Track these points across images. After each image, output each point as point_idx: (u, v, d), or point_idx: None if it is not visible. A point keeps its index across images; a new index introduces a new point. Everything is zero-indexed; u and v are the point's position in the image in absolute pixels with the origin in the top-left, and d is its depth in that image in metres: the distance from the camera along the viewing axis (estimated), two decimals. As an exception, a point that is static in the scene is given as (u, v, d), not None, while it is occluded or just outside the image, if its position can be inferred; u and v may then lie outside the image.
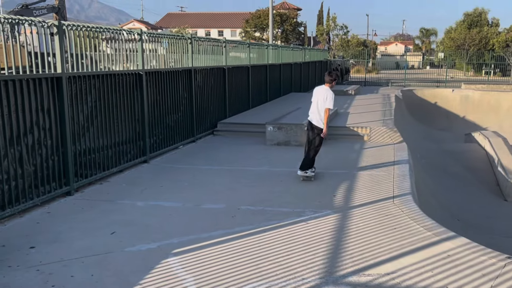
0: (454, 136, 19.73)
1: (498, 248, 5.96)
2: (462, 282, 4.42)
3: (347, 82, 33.45)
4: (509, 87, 25.28)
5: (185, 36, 11.16)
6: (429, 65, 66.41)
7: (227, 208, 6.56)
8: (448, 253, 5.05)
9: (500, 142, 14.44)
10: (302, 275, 4.52)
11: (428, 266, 4.75)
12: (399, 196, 7.12)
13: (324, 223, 5.98)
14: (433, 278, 4.49)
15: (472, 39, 52.28)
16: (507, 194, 11.75)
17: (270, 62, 18.69)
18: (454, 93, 24.19)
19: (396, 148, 10.69)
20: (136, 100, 8.91)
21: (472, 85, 26.45)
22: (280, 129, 11.06)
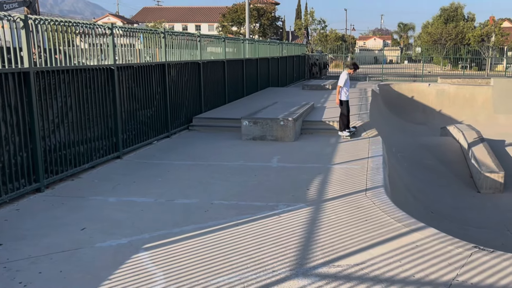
0: (430, 130, 20.11)
1: (470, 239, 6.15)
2: (429, 271, 4.55)
3: (325, 77, 33.69)
4: (484, 81, 25.80)
5: (158, 30, 11.12)
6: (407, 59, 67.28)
7: (200, 203, 6.61)
8: (416, 244, 5.19)
9: (473, 135, 14.78)
10: (273, 268, 4.60)
11: (397, 256, 4.89)
12: (372, 189, 7.26)
13: (297, 216, 6.07)
14: (401, 268, 4.62)
15: (449, 34, 53.14)
16: (480, 186, 12.05)
17: (247, 57, 18.73)
18: (430, 87, 24.60)
19: (371, 142, 10.86)
20: (108, 95, 8.87)
21: (448, 80, 26.92)
22: (256, 124, 11.12)
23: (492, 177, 11.80)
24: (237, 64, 17.35)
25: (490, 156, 12.77)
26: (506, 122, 21.37)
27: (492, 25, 47.99)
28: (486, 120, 21.80)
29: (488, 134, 15.75)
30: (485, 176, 11.87)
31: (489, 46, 45.01)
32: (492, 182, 11.82)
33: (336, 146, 10.47)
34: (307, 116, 13.05)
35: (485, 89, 23.80)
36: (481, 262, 4.75)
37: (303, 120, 12.37)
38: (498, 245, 8.21)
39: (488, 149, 13.28)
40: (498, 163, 12.28)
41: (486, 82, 25.34)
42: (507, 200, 11.39)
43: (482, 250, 5.05)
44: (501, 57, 48.19)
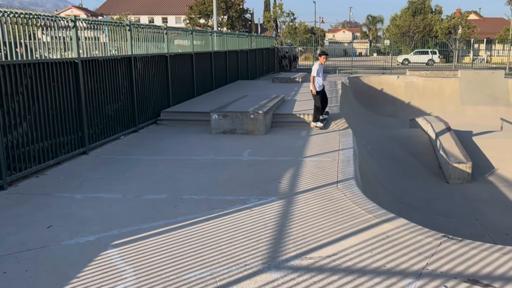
0: (400, 122, 20.49)
1: (439, 228, 6.33)
2: (400, 261, 4.67)
3: (295, 70, 33.87)
4: (452, 73, 26.42)
5: (123, 23, 10.96)
6: (376, 52, 68.30)
7: (169, 198, 6.57)
8: (387, 234, 5.31)
9: (441, 126, 15.13)
10: (245, 262, 4.62)
11: (368, 247, 4.98)
12: (343, 181, 7.37)
13: (269, 209, 6.11)
14: (372, 259, 4.71)
15: (417, 26, 54.16)
16: (448, 177, 12.37)
17: (215, 50, 18.65)
18: (399, 79, 25.04)
19: (341, 134, 11.00)
20: (73, 89, 8.70)
21: (417, 72, 27.45)
22: (225, 117, 11.11)
23: (460, 167, 12.13)
24: (206, 57, 17.26)
25: (458, 147, 13.11)
26: (473, 113, 21.98)
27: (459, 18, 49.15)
28: (453, 111, 22.36)
29: (456, 125, 16.17)
30: (453, 167, 12.19)
31: (456, 38, 46.09)
32: (460, 173, 12.15)
33: (307, 139, 10.57)
34: (277, 109, 13.11)
35: (452, 81, 24.38)
36: (450, 251, 4.89)
37: (274, 113, 12.42)
38: (467, 234, 8.48)
39: (456, 140, 13.64)
40: (466, 154, 12.63)
41: (454, 74, 25.95)
42: (475, 190, 11.75)
43: (451, 239, 5.20)
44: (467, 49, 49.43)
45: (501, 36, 48.03)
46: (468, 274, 4.39)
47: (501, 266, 4.52)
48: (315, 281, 4.25)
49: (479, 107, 22.64)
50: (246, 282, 4.24)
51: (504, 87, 23.61)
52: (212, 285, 4.18)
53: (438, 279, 4.29)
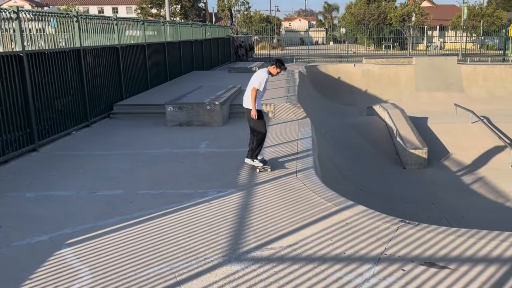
0: (357, 110, 20.89)
1: (397, 213, 6.52)
2: (359, 247, 4.79)
3: (252, 59, 33.90)
4: (407, 60, 27.09)
5: (70, 14, 10.65)
6: (332, 40, 69.18)
7: (125, 193, 6.49)
8: (346, 221, 5.43)
9: (398, 113, 15.55)
10: (204, 255, 4.63)
11: (328, 235, 5.09)
12: (302, 170, 7.47)
13: (228, 202, 6.13)
14: (332, 246, 4.82)
15: (371, 14, 55.13)
16: (405, 162, 12.75)
17: (169, 40, 18.41)
18: (355, 67, 25.48)
19: (300, 123, 11.13)
20: (19, 84, 8.40)
21: (373, 60, 28.01)
22: (181, 109, 11.02)
23: (416, 153, 12.52)
24: (159, 47, 17.02)
25: (414, 133, 13.51)
26: (428, 100, 22.66)
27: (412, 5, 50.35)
28: (409, 98, 22.97)
29: (412, 112, 16.64)
30: (410, 153, 12.57)
31: (410, 25, 47.25)
32: (417, 158, 12.55)
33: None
34: (234, 99, 13.10)
35: (407, 68, 25.02)
36: (407, 235, 5.06)
37: (231, 103, 12.42)
38: (424, 218, 8.80)
39: (412, 127, 14.05)
40: (422, 140, 13.04)
41: (408, 61, 26.62)
42: (431, 174, 12.16)
43: (408, 223, 5.38)
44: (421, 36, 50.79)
45: (453, 23, 49.54)
46: (425, 257, 4.55)
47: (456, 248, 4.71)
48: (276, 271, 4.31)
49: (434, 93, 23.37)
50: (207, 275, 4.25)
51: (457, 73, 24.44)
52: (172, 280, 4.17)
53: (396, 263, 4.44)
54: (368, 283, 4.10)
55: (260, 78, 7.49)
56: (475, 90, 23.59)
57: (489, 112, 16.31)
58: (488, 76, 24.34)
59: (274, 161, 8.00)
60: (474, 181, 11.48)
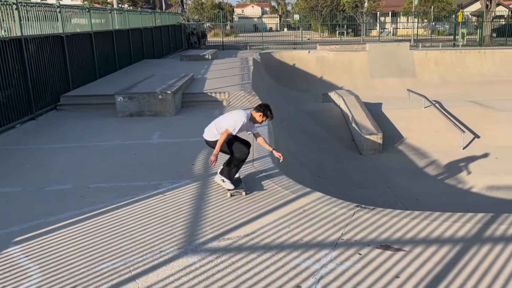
0: (313, 97, 21.13)
1: (354, 199, 6.67)
2: (316, 233, 4.88)
3: (205, 47, 33.65)
4: (360, 47, 27.55)
5: (9, 1, 10.22)
6: (286, 27, 69.51)
7: (75, 188, 6.33)
8: (304, 208, 5.52)
9: (353, 99, 15.83)
10: (160, 248, 4.60)
11: (286, 222, 5.15)
12: (259, 159, 7.51)
13: (183, 193, 6.09)
14: (289, 234, 4.88)
15: (325, 0, 55.68)
16: (361, 148, 13.03)
17: (117, 28, 18.00)
18: (310, 54, 25.71)
19: (254, 111, 11.13)
20: (-46, 74, 8.02)
21: (327, 46, 28.32)
22: (131, 99, 10.82)
23: (371, 139, 12.81)
24: (107, 36, 16.61)
25: (369, 119, 13.81)
26: (382, 86, 23.18)
27: (365, -9, 51.21)
28: (364, 84, 23.43)
29: (366, 98, 16.98)
30: (365, 139, 12.85)
31: (362, 12, 48.04)
32: (372, 144, 12.84)
33: (219, 118, 10.58)
34: (187, 88, 12.99)
35: (361, 54, 25.45)
36: (363, 220, 5.19)
37: (184, 92, 12.30)
38: (380, 203, 9.03)
39: (367, 113, 14.35)
40: (377, 125, 13.35)
41: (362, 47, 27.09)
42: (386, 159, 12.48)
43: (363, 208, 5.52)
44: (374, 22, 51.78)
45: (405, 9, 50.73)
46: (380, 241, 4.69)
47: (410, 231, 4.88)
48: (234, 261, 4.33)
49: (388, 79, 23.92)
50: (162, 268, 4.22)
51: (409, 59, 25.09)
52: (126, 275, 4.13)
53: (352, 247, 4.55)
54: (325, 268, 4.19)
55: (237, 121, 6.07)
56: (427, 75, 24.30)
57: (441, 97, 16.88)
58: (440, 61, 25.11)
59: (229, 150, 7.99)
60: (427, 164, 11.86)
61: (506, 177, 9.93)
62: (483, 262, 4.22)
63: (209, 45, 35.72)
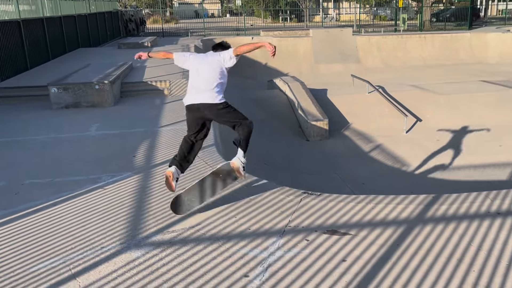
0: (258, 84, 21.20)
1: (301, 185, 6.77)
2: (264, 222, 4.92)
3: (144, 34, 33.02)
4: (304, 33, 27.85)
5: None
6: (228, 13, 69.22)
7: (7, 185, 6.10)
8: (250, 197, 5.55)
9: (298, 86, 16.01)
10: (101, 244, 4.51)
11: (232, 212, 5.17)
12: (203, 148, 7.42)
13: (124, 186, 5.99)
14: (236, 223, 4.91)
15: (267, -15, 55.80)
16: (308, 135, 13.22)
17: (48, 15, 17.34)
18: (254, 41, 25.75)
19: (198, 100, 11.05)
20: None
21: (271, 32, 28.45)
22: (66, 90, 10.49)
23: (318, 125, 13.02)
24: (37, 23, 15.98)
25: (314, 106, 14.01)
26: (327, 72, 23.57)
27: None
28: (309, 70, 23.74)
29: (312, 84, 17.21)
30: (312, 125, 13.04)
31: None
32: (319, 130, 13.05)
33: (161, 107, 10.46)
34: (126, 77, 12.73)
35: (305, 40, 25.75)
36: (310, 206, 5.29)
37: (122, 82, 12.04)
38: (328, 188, 9.21)
39: (313, 99, 14.56)
40: (322, 112, 13.57)
41: (306, 33, 27.39)
42: (333, 145, 12.73)
43: (310, 194, 5.62)
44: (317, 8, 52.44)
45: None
46: (327, 226, 4.80)
47: (356, 215, 5.02)
48: (179, 254, 4.31)
49: (332, 65, 24.34)
50: (104, 265, 4.14)
51: (353, 44, 25.62)
52: (66, 273, 4.02)
53: (300, 234, 4.63)
54: (273, 256, 4.24)
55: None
56: (370, 61, 24.91)
57: (384, 81, 17.35)
58: (382, 46, 25.79)
59: (171, 141, 7.92)
60: (372, 148, 12.20)
61: (447, 158, 10.37)
62: (426, 242, 4.41)
63: (148, 32, 35.08)
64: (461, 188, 7.60)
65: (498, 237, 4.50)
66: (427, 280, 3.81)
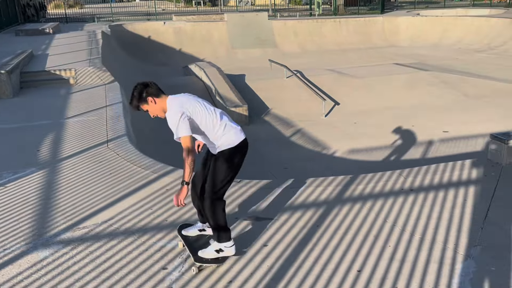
0: (173, 70, 20.90)
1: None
2: (181, 212, 4.89)
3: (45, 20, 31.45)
4: (219, 17, 27.76)
5: None
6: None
7: None
8: (166, 188, 5.49)
9: (215, 72, 15.98)
10: (3, 247, 4.28)
11: (148, 204, 5.09)
12: (114, 139, 7.29)
13: (28, 183, 5.72)
14: (153, 215, 4.84)
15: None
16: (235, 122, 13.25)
17: None
18: (166, 26, 25.32)
19: (107, 89, 10.76)
20: None
21: (184, 17, 28.09)
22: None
23: (237, 111, 13.06)
24: None
25: (233, 91, 14.05)
26: (244, 57, 23.68)
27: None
28: (225, 55, 23.73)
29: (229, 70, 17.24)
30: (231, 111, 13.06)
31: (219, -20, 48.37)
32: (238, 116, 13.10)
33: (67, 98, 10.05)
34: (26, 66, 12.09)
35: (220, 25, 25.69)
36: (230, 193, 5.32)
37: (22, 71, 11.43)
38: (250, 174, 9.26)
39: (231, 85, 14.58)
40: (241, 97, 13.63)
41: (220, 18, 27.32)
42: (254, 131, 12.82)
43: (229, 181, 5.64)
44: (232, -9, 52.35)
45: (262, -23, 52.12)
46: (248, 212, 4.86)
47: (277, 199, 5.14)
48: (92, 251, 4.18)
49: (249, 50, 24.48)
50: (8, 268, 3.94)
51: (269, 29, 25.90)
52: (-37, 281, 3.79)
53: (220, 222, 4.64)
54: (192, 246, 4.23)
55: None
56: (287, 45, 25.31)
57: (302, 66, 17.73)
58: (298, 31, 26.29)
59: (79, 133, 7.65)
60: (293, 133, 12.44)
61: (364, 140, 10.78)
62: (344, 222, 4.58)
63: (50, 18, 33.45)
64: (378, 168, 7.95)
65: (411, 212, 4.77)
66: (346, 258, 3.97)
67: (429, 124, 11.36)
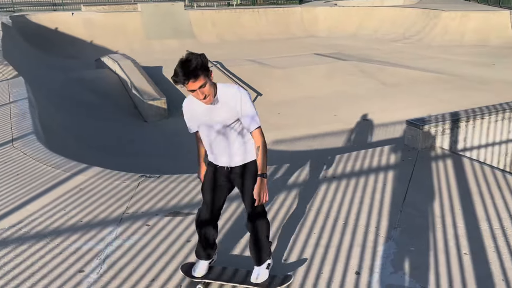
0: (84, 63, 20.18)
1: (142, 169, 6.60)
2: (97, 211, 4.74)
3: None
4: (132, 7, 27.11)
5: None
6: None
7: None
8: (80, 187, 5.30)
9: (130, 64, 15.61)
10: None
11: (60, 205, 4.89)
12: (20, 138, 6.96)
13: None
14: (66, 216, 4.65)
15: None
16: (145, 115, 12.97)
17: None
18: (74, 16, 24.42)
19: (11, 84, 10.24)
20: None
21: (94, 7, 27.20)
22: None
23: (155, 104, 12.83)
24: None
25: (150, 84, 13.79)
26: (161, 48, 23.30)
27: None
28: (141, 47, 23.23)
29: (146, 61, 16.91)
30: (149, 105, 12.82)
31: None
32: (157, 109, 12.89)
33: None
34: None
35: (133, 15, 25.12)
36: (150, 189, 5.23)
37: None
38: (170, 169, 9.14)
39: (147, 77, 14.30)
40: (159, 90, 13.41)
41: (134, 8, 26.70)
42: (173, 124, 12.65)
43: (149, 177, 5.55)
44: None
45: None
46: (169, 208, 4.78)
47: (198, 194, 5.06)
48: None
49: (166, 41, 24.11)
50: None
51: (186, 19, 25.65)
52: None
53: (140, 220, 4.55)
54: (111, 246, 4.11)
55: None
56: (205, 36, 25.18)
57: (222, 57, 17.70)
58: (216, 21, 26.23)
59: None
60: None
61: (288, 131, 10.93)
62: (270, 212, 4.61)
63: None
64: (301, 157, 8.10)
65: (335, 199, 4.92)
66: (271, 247, 4.00)
67: (350, 112, 11.71)
